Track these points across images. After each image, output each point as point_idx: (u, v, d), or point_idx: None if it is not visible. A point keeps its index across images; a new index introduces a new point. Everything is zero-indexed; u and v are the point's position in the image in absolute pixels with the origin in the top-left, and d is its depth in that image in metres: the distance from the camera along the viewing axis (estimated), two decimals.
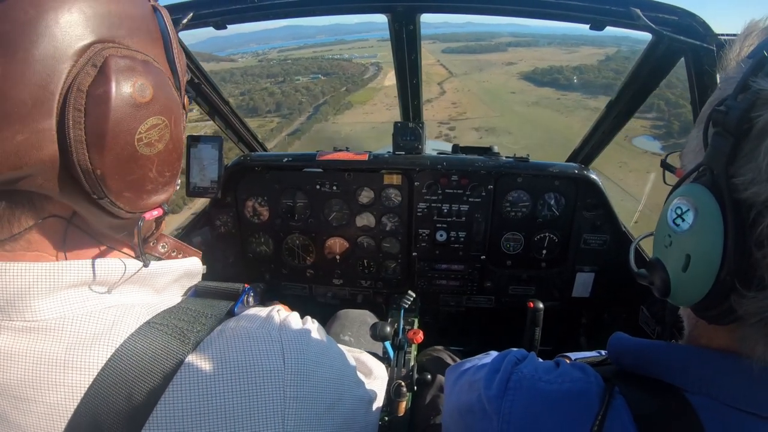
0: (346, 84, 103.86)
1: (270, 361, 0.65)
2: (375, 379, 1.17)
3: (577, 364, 0.70)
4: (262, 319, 0.72)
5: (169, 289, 0.78)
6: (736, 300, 0.49)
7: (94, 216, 0.62)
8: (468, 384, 0.78)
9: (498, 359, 0.74)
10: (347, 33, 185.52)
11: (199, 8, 1.55)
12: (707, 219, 0.51)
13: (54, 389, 0.57)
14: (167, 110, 0.62)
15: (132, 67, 0.57)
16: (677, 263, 0.55)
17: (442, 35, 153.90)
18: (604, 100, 2.02)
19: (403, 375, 1.68)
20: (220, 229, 2.43)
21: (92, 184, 0.56)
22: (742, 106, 0.47)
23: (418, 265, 2.38)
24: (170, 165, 0.66)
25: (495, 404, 0.66)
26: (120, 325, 0.62)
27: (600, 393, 0.61)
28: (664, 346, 0.65)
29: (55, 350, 0.58)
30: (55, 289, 0.60)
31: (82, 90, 0.53)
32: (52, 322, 0.59)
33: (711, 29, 1.32)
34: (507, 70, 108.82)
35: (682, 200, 0.55)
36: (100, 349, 0.59)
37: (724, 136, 0.50)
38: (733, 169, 0.49)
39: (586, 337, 2.52)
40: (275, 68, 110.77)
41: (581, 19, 1.48)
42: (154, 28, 0.65)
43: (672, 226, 0.57)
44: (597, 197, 2.18)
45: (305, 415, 0.67)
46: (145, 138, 0.59)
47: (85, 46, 0.54)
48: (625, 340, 0.70)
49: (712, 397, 0.56)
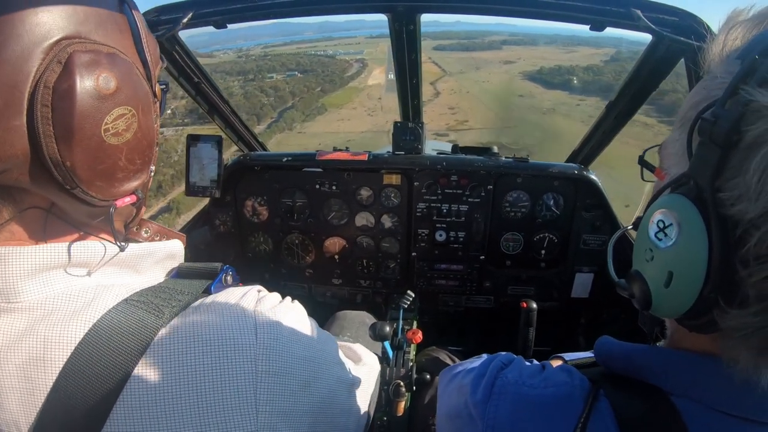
0: (322, 83, 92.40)
1: (242, 336, 0.67)
2: (363, 365, 1.16)
3: (563, 367, 0.70)
4: (237, 296, 0.73)
5: (151, 271, 0.80)
6: (718, 314, 0.48)
7: (69, 205, 0.65)
8: (457, 388, 0.78)
9: (484, 364, 0.74)
10: (335, 30, 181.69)
11: (199, 7, 1.55)
12: (691, 235, 0.49)
13: (33, 364, 0.59)
14: (134, 100, 0.64)
15: (96, 60, 0.59)
16: (659, 279, 0.54)
17: (433, 33, 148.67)
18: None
19: (402, 375, 1.68)
20: (220, 229, 2.42)
21: (63, 176, 0.59)
22: (732, 117, 0.45)
23: (418, 265, 2.38)
24: (140, 153, 0.68)
25: (480, 409, 0.66)
26: (98, 302, 0.64)
27: (584, 396, 0.61)
28: (647, 349, 0.65)
29: (35, 327, 0.61)
30: (37, 271, 0.62)
31: (48, 86, 0.55)
32: (34, 303, 0.62)
33: (711, 30, 1.31)
34: (507, 69, 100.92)
35: (665, 213, 0.53)
36: (78, 324, 0.61)
37: (710, 147, 0.48)
38: (719, 182, 0.47)
39: (584, 337, 2.52)
40: (249, 65, 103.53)
41: (581, 19, 1.48)
42: (122, 20, 0.67)
43: (654, 240, 0.55)
44: (596, 198, 2.18)
45: (278, 390, 0.68)
46: (111, 128, 0.62)
47: (51, 44, 0.56)
48: (609, 345, 0.70)
49: (695, 400, 0.55)
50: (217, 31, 1.68)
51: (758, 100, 0.44)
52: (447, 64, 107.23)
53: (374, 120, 65.42)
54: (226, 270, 0.81)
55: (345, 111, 76.72)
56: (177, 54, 1.80)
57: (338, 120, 73.49)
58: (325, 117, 76.09)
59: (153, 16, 1.55)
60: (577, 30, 2.04)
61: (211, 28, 1.66)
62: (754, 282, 0.44)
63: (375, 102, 74.49)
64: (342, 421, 0.89)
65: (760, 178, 0.43)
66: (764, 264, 0.43)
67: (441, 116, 70.17)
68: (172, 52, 1.77)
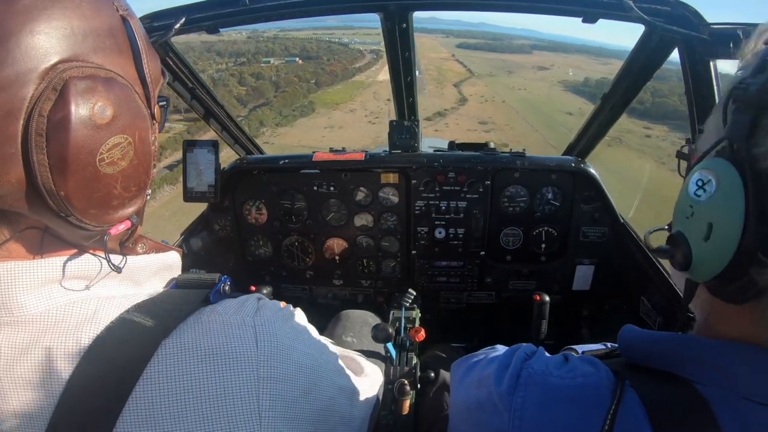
0: (321, 74, 75.43)
1: (243, 344, 0.67)
2: (366, 377, 1.17)
3: (586, 358, 0.69)
4: (236, 305, 0.74)
5: (150, 282, 0.81)
6: (756, 271, 0.50)
7: (64, 230, 0.65)
8: (477, 380, 0.78)
9: (507, 354, 0.74)
10: (357, 19, 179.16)
11: (192, 13, 1.54)
12: (729, 188, 0.52)
13: (39, 375, 0.60)
14: (131, 127, 0.64)
15: (92, 87, 0.58)
16: (699, 233, 0.56)
17: (456, 31, 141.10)
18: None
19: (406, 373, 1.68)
20: (219, 233, 2.42)
21: (57, 204, 0.59)
22: (761, 81, 0.50)
23: (418, 263, 2.38)
24: (136, 180, 0.68)
25: (506, 400, 0.66)
26: (101, 314, 0.64)
27: (611, 387, 0.61)
28: (677, 337, 0.65)
29: (39, 338, 0.61)
30: (38, 285, 0.62)
31: (43, 115, 0.54)
32: (37, 315, 0.62)
33: (704, 19, 1.32)
34: (542, 75, 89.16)
35: (704, 172, 0.56)
36: (82, 336, 0.62)
37: (743, 111, 0.52)
38: (752, 141, 0.51)
39: (587, 329, 2.52)
40: (248, 46, 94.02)
41: (574, 12, 1.48)
42: (122, 40, 0.66)
43: (693, 197, 0.58)
44: (594, 190, 2.18)
45: (280, 396, 0.69)
46: (107, 158, 0.61)
47: (47, 69, 0.55)
48: (636, 332, 0.70)
49: (726, 389, 0.55)
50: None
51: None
52: (474, 64, 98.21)
53: (376, 130, 50.83)
54: (224, 280, 0.81)
55: (339, 114, 62.21)
56: (171, 60, 1.80)
57: (326, 127, 60.32)
58: (310, 121, 61.65)
59: (146, 23, 1.55)
60: (602, 42, 1.99)
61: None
62: None
63: (382, 104, 58.55)
64: (343, 429, 0.89)
65: None
66: None
67: (469, 132, 55.30)
68: (166, 58, 1.77)
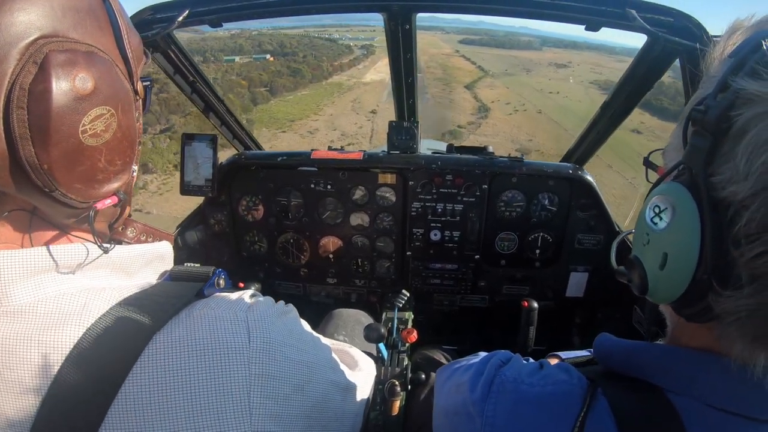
0: (284, 74, 56.83)
1: (235, 340, 0.67)
2: (360, 371, 1.16)
3: (562, 365, 0.70)
4: (230, 300, 0.73)
5: (142, 273, 0.80)
6: (713, 299, 0.49)
7: (50, 208, 0.64)
8: (455, 386, 0.78)
9: (483, 362, 0.74)
10: (357, 18, 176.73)
11: (195, 6, 1.54)
12: (684, 217, 0.51)
13: (27, 368, 0.59)
14: (113, 99, 0.63)
15: (72, 60, 0.58)
16: (654, 261, 0.56)
17: (456, 28, 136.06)
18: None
19: (396, 374, 1.68)
20: (215, 228, 2.41)
21: (41, 178, 0.58)
22: (722, 105, 0.48)
23: (412, 264, 2.38)
24: (121, 153, 0.67)
25: (479, 407, 0.67)
26: (91, 306, 0.64)
27: (583, 395, 0.61)
28: (647, 346, 0.65)
29: (28, 331, 0.60)
30: (28, 274, 0.62)
31: (24, 88, 0.54)
32: (26, 306, 0.62)
33: (706, 31, 1.32)
34: (563, 74, 77.71)
35: (660, 199, 0.56)
36: (72, 328, 0.61)
37: (702, 135, 0.50)
38: (711, 168, 0.49)
39: (579, 336, 2.53)
40: (213, 43, 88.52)
41: (577, 19, 1.48)
42: (102, 18, 0.66)
43: (650, 225, 0.57)
44: (591, 198, 2.19)
45: (271, 393, 0.68)
46: (89, 129, 0.61)
47: (27, 44, 0.55)
48: (609, 342, 0.71)
49: (693, 397, 0.56)
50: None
51: (747, 89, 0.46)
52: (485, 62, 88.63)
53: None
54: (218, 274, 0.81)
55: (289, 138, 42.62)
56: (172, 53, 1.78)
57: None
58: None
59: (148, 15, 1.54)
60: (606, 40, 1.95)
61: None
62: (746, 261, 0.45)
63: (364, 117, 41.11)
64: (336, 425, 0.89)
65: (748, 160, 0.44)
66: (754, 243, 0.44)
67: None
68: (168, 50, 1.76)
